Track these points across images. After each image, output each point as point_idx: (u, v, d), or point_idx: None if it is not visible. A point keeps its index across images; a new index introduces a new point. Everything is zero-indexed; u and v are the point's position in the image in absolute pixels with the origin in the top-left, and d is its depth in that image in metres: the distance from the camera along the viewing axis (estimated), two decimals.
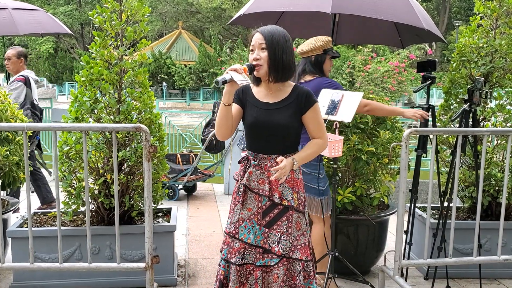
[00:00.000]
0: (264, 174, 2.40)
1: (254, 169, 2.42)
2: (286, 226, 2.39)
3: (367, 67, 21.75)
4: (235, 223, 2.43)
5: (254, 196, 2.41)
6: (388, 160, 3.62)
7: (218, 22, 36.83)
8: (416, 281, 3.75)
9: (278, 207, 2.40)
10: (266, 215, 2.40)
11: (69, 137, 3.32)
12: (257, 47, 2.34)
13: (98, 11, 3.38)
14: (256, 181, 2.41)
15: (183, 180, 6.23)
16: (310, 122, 2.40)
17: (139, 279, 3.42)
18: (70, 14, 37.28)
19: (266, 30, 2.34)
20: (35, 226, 3.50)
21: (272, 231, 2.40)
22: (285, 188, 2.41)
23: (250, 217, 2.41)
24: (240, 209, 2.42)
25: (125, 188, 3.44)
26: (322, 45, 3.41)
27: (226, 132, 2.39)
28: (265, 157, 2.40)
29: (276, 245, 2.37)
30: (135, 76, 3.47)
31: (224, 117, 2.33)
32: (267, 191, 2.39)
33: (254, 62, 2.32)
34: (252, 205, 2.42)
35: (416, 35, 4.09)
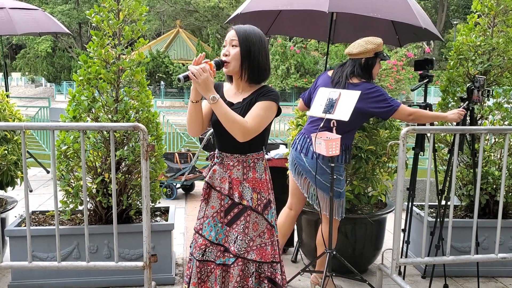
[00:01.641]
0: (227, 173, 2.39)
1: (218, 167, 2.42)
2: (243, 226, 2.37)
3: None
4: (200, 219, 2.46)
5: (217, 194, 2.41)
6: (386, 159, 3.63)
7: (216, 21, 36.81)
8: (413, 280, 3.76)
9: (238, 207, 2.39)
10: (228, 214, 2.40)
11: (67, 136, 3.32)
12: (228, 43, 2.33)
13: (96, 10, 3.38)
14: (219, 179, 2.40)
15: (181, 179, 6.23)
16: (253, 108, 2.30)
17: (137, 277, 3.42)
18: (68, 13, 37.26)
19: (240, 28, 2.33)
20: (33, 225, 3.50)
21: (231, 230, 2.39)
22: (246, 188, 2.39)
23: (213, 214, 2.41)
24: (205, 206, 2.44)
25: (123, 187, 3.44)
26: (374, 48, 3.31)
27: (196, 129, 2.38)
28: (228, 156, 2.40)
29: (233, 245, 2.36)
30: (132, 75, 3.47)
31: (192, 114, 2.32)
32: (227, 190, 2.38)
33: (223, 58, 2.32)
34: (215, 203, 2.42)
35: (413, 33, 4.09)
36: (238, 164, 2.39)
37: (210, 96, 2.19)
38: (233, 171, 2.39)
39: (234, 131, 2.24)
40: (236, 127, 2.22)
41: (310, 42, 26.14)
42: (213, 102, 2.19)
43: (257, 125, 2.27)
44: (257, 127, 2.28)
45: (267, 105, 2.30)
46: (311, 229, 3.78)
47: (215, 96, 2.19)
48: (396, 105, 3.24)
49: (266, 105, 2.30)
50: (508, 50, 3.70)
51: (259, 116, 2.28)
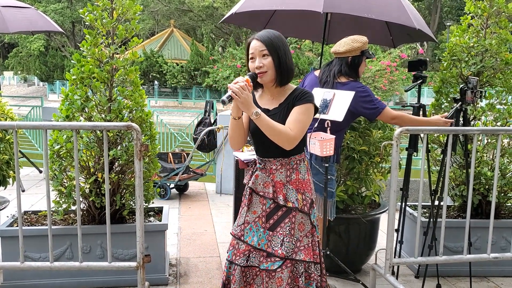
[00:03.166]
0: (269, 177, 2.42)
1: (260, 172, 2.44)
2: (289, 228, 2.38)
3: None
4: (241, 225, 2.45)
5: (259, 199, 2.43)
6: (380, 159, 3.64)
7: (210, 21, 36.77)
8: (407, 279, 3.78)
9: (282, 209, 2.40)
10: (270, 218, 2.41)
11: (59, 135, 3.30)
12: (257, 55, 2.32)
13: (89, 9, 3.36)
14: (262, 184, 2.42)
15: (175, 179, 6.21)
16: (292, 113, 2.34)
17: (130, 278, 3.41)
18: (61, 12, 37.08)
19: (264, 36, 2.33)
20: (26, 225, 3.47)
21: (275, 234, 2.39)
22: (290, 190, 2.41)
23: (255, 219, 2.42)
24: (246, 212, 2.44)
25: (116, 187, 3.43)
26: (360, 46, 3.36)
27: (239, 142, 2.42)
28: (271, 161, 2.43)
29: (280, 248, 2.36)
30: (126, 75, 3.45)
31: (234, 129, 2.37)
32: (271, 193, 2.39)
33: (257, 71, 2.31)
34: (257, 208, 2.43)
35: (407, 34, 4.11)
36: (281, 167, 2.41)
37: (253, 112, 2.22)
38: (276, 174, 2.41)
39: (280, 141, 2.28)
40: (282, 138, 2.27)
41: (305, 42, 26.16)
42: (256, 117, 2.22)
43: (301, 131, 2.32)
44: (301, 132, 2.32)
45: (306, 108, 2.34)
46: None
47: (258, 111, 2.22)
48: (382, 107, 3.28)
49: (304, 108, 2.34)
50: (501, 51, 3.73)
51: (301, 121, 2.32)
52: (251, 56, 2.35)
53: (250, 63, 2.36)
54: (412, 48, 23.62)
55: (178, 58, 33.47)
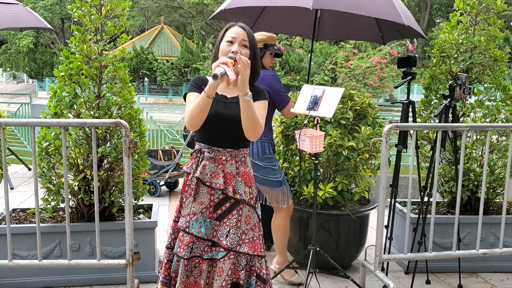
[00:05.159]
0: (219, 167, 2.39)
1: (208, 162, 2.39)
2: (236, 220, 2.38)
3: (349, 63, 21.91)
4: (185, 216, 2.40)
5: (206, 190, 2.39)
6: (369, 156, 3.65)
7: (200, 17, 36.65)
8: (396, 275, 3.79)
9: (230, 201, 2.40)
10: (218, 208, 2.40)
11: (48, 132, 3.27)
12: (238, 42, 2.33)
13: (78, 5, 3.33)
14: (209, 174, 2.38)
15: (165, 176, 6.18)
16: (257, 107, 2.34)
17: (120, 275, 3.39)
18: (51, 8, 36.78)
19: (248, 29, 2.37)
20: (14, 223, 3.44)
21: (222, 224, 2.39)
22: (238, 182, 2.41)
23: (202, 210, 2.39)
24: (192, 202, 2.39)
25: (105, 184, 3.40)
26: (263, 39, 3.48)
27: (201, 123, 2.31)
28: (220, 151, 2.39)
29: (225, 238, 2.37)
30: (115, 71, 3.43)
31: (204, 109, 2.25)
32: (222, 185, 2.37)
33: (233, 55, 2.28)
34: (204, 199, 2.40)
35: (397, 31, 4.11)
36: (231, 158, 2.39)
37: (247, 93, 2.20)
38: (226, 165, 2.39)
39: (254, 130, 2.27)
40: (258, 127, 2.27)
41: (295, 39, 26.18)
42: (249, 99, 2.20)
43: (263, 125, 2.34)
44: (263, 126, 2.35)
45: (265, 104, 2.42)
46: (296, 226, 3.78)
47: (251, 94, 2.22)
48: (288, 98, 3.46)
49: (264, 104, 2.41)
50: (490, 48, 3.75)
51: (263, 116, 2.36)
52: (231, 40, 2.33)
53: (225, 45, 2.33)
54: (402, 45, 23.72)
55: (168, 55, 33.32)
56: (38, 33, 37.65)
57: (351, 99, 3.71)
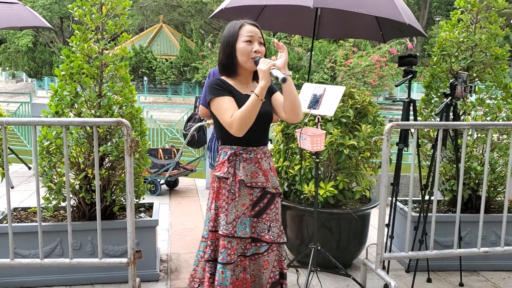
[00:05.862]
0: (256, 166, 2.41)
1: (245, 163, 2.39)
2: (275, 213, 2.45)
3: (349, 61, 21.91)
4: (231, 222, 2.36)
5: (247, 190, 2.40)
6: (370, 154, 3.65)
7: (199, 16, 36.58)
8: (397, 274, 3.80)
9: (267, 196, 2.44)
10: (256, 206, 2.43)
11: (49, 131, 3.27)
12: (256, 40, 2.34)
13: (78, 4, 3.33)
14: (249, 175, 2.40)
15: (165, 175, 6.19)
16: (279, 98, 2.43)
17: (121, 274, 3.39)
18: (49, 7, 36.67)
19: (259, 27, 2.39)
20: (15, 221, 3.44)
21: (261, 221, 2.43)
22: (272, 177, 2.48)
23: (244, 211, 2.40)
24: (235, 207, 2.38)
25: (106, 183, 3.40)
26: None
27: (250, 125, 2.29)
28: (255, 149, 2.42)
29: (266, 233, 2.42)
30: (116, 70, 3.42)
31: (256, 112, 2.23)
32: (264, 182, 2.41)
33: (254, 54, 2.31)
34: (245, 200, 2.40)
35: (397, 29, 4.12)
36: (264, 155, 2.44)
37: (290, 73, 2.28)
38: (262, 163, 2.43)
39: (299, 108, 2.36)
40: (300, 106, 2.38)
41: (294, 37, 26.17)
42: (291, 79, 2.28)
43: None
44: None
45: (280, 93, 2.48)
46: (295, 224, 3.78)
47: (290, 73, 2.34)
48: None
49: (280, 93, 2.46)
50: (491, 46, 3.75)
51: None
52: (249, 39, 2.32)
53: (245, 45, 2.32)
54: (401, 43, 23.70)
55: (167, 54, 33.30)
56: (37, 32, 37.58)
57: (352, 97, 3.71)
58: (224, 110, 2.28)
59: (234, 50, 2.34)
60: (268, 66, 2.19)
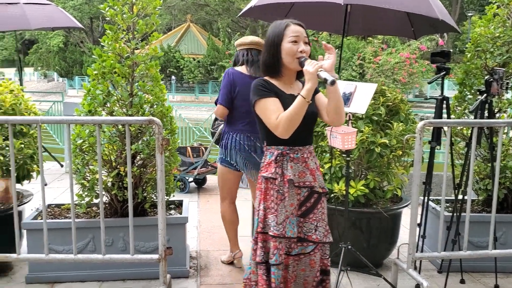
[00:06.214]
0: (302, 165, 2.40)
1: (292, 163, 2.38)
2: (321, 213, 2.45)
3: (378, 58, 21.62)
4: (282, 222, 2.35)
5: (295, 190, 2.39)
6: (402, 153, 3.59)
7: (226, 15, 36.71)
8: (429, 274, 3.73)
9: (314, 196, 2.43)
10: (303, 205, 2.42)
11: (82, 130, 3.33)
12: (302, 40, 2.32)
13: (110, 4, 3.37)
14: (297, 175, 2.38)
15: (194, 173, 6.24)
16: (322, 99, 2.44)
17: (151, 270, 3.43)
18: (80, 8, 37.39)
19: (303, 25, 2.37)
20: (49, 218, 3.51)
21: (307, 221, 2.42)
22: (319, 176, 2.46)
23: (292, 211, 2.39)
24: (284, 207, 2.36)
25: (138, 180, 3.45)
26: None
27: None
28: (301, 149, 2.40)
29: (313, 233, 2.41)
30: (147, 70, 3.46)
31: (303, 113, 2.23)
32: (311, 182, 2.40)
33: (299, 55, 2.29)
34: (293, 200, 2.39)
35: (430, 25, 4.03)
36: (310, 154, 2.44)
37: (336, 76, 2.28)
38: (309, 162, 2.42)
39: (343, 111, 2.39)
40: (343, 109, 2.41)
41: (322, 34, 25.98)
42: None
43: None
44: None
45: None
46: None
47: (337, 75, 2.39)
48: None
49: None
50: None
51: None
52: (295, 40, 2.30)
53: (290, 45, 2.29)
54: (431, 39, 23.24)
55: (194, 53, 33.52)
56: (68, 33, 38.36)
57: (383, 95, 3.66)
58: (270, 112, 2.27)
59: (279, 50, 2.32)
60: (316, 68, 2.17)
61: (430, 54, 3.56)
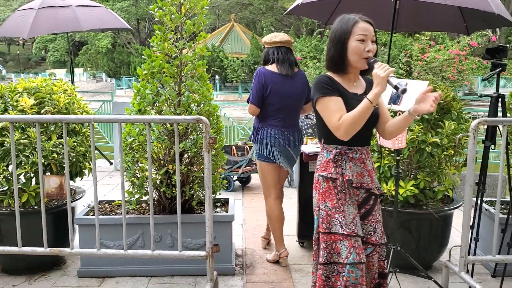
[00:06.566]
0: (361, 166, 2.35)
1: (351, 163, 2.33)
2: (378, 214, 2.41)
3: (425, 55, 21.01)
4: (352, 221, 2.30)
5: (353, 191, 2.35)
6: (454, 152, 3.47)
7: (270, 14, 36.71)
8: (482, 278, 3.60)
9: (372, 197, 2.39)
10: (362, 207, 2.38)
11: (132, 129, 3.41)
12: (370, 39, 2.24)
13: (159, 5, 3.43)
14: (355, 175, 2.33)
15: (238, 172, 6.27)
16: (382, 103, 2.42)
17: (197, 267, 3.47)
18: (127, 9, 38.34)
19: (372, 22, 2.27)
20: (100, 214, 3.62)
21: (367, 223, 2.38)
22: (375, 178, 2.42)
23: (356, 212, 2.35)
24: (350, 207, 2.31)
25: (185, 178, 3.50)
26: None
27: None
28: (359, 149, 2.35)
29: (373, 235, 2.38)
30: (194, 69, 3.50)
31: (367, 117, 2.17)
32: (369, 183, 2.36)
33: (366, 54, 2.22)
34: (353, 200, 2.35)
35: (484, 20, 3.88)
36: (367, 155, 2.39)
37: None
38: (367, 163, 2.38)
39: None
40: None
41: None
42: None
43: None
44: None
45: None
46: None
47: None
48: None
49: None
50: None
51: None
52: (362, 38, 2.22)
53: (358, 43, 2.22)
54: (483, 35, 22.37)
55: (238, 52, 33.74)
56: (116, 34, 39.44)
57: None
58: (332, 112, 2.22)
59: (345, 48, 2.25)
60: (387, 73, 2.09)
61: (485, 50, 3.42)
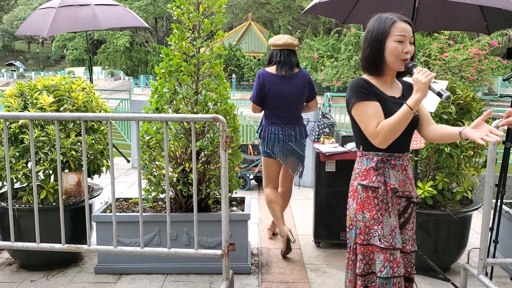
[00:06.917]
0: (403, 173, 2.26)
1: (394, 170, 2.24)
2: (413, 223, 2.34)
3: (444, 55, 20.76)
4: (391, 233, 2.21)
5: (395, 199, 2.26)
6: (473, 153, 3.42)
7: (287, 13, 36.64)
8: (502, 281, 3.54)
9: (410, 206, 2.31)
10: (401, 216, 2.29)
11: (150, 127, 3.43)
12: (408, 40, 2.15)
13: (177, 4, 3.44)
14: (397, 184, 2.23)
15: (254, 171, 6.27)
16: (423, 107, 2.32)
17: (213, 265, 3.48)
18: (145, 8, 38.60)
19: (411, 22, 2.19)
20: (117, 211, 3.64)
21: (404, 232, 2.31)
22: (414, 185, 2.35)
23: (396, 222, 2.26)
24: (390, 217, 2.22)
25: (202, 176, 3.51)
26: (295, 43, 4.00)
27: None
28: (401, 156, 2.25)
29: (407, 243, 2.31)
30: (211, 68, 3.51)
31: (406, 124, 2.09)
32: (411, 192, 2.29)
33: (404, 56, 2.14)
34: (395, 209, 2.26)
35: (505, 19, 3.82)
36: (408, 162, 2.30)
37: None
38: (408, 170, 2.29)
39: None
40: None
41: None
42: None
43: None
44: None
45: None
46: None
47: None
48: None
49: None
50: None
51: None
52: (401, 39, 2.12)
53: (396, 45, 2.13)
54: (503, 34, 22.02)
55: (255, 51, 33.73)
56: (134, 33, 39.76)
57: (454, 92, 3.50)
58: (369, 118, 2.14)
59: (383, 48, 2.15)
60: (429, 79, 2.02)
61: (506, 50, 3.37)
